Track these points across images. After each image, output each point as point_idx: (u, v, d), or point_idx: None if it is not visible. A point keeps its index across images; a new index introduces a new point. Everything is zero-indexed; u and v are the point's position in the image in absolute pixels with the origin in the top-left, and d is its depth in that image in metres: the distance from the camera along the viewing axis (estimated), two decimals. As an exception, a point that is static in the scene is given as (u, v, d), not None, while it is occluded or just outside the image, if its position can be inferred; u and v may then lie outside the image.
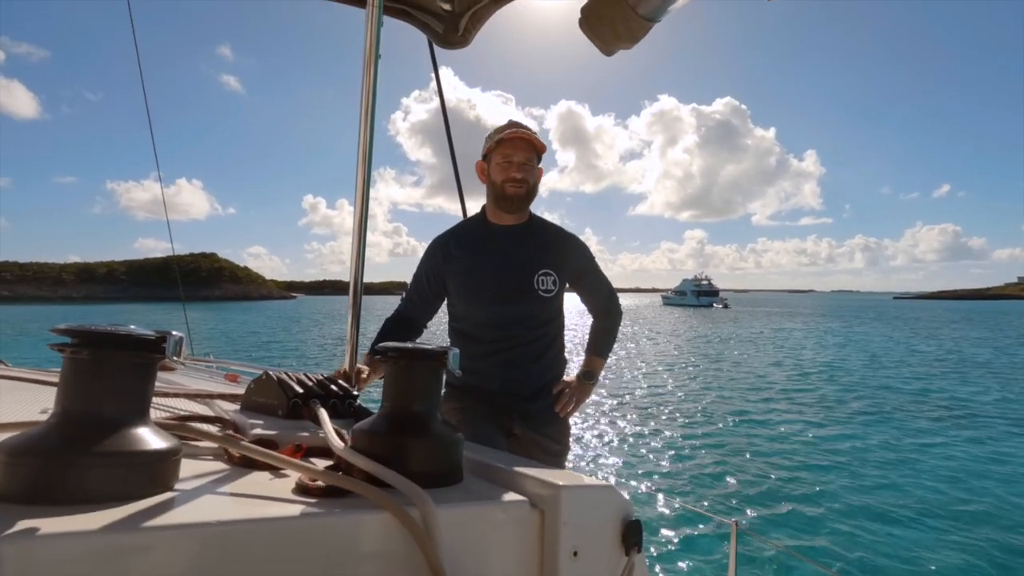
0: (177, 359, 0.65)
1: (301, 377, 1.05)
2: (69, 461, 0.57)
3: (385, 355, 0.76)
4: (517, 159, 1.87)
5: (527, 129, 1.92)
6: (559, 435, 1.97)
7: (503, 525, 0.68)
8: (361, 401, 1.07)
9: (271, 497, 0.65)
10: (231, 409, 1.13)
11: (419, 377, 0.76)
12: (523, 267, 1.91)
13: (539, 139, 1.91)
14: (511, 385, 1.90)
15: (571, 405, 1.95)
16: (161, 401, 1.26)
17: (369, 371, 1.61)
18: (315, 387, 1.02)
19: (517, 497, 0.71)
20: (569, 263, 1.99)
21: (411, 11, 1.79)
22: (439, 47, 1.94)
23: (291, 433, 0.88)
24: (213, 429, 0.89)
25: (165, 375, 1.89)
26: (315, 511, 0.60)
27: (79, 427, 0.59)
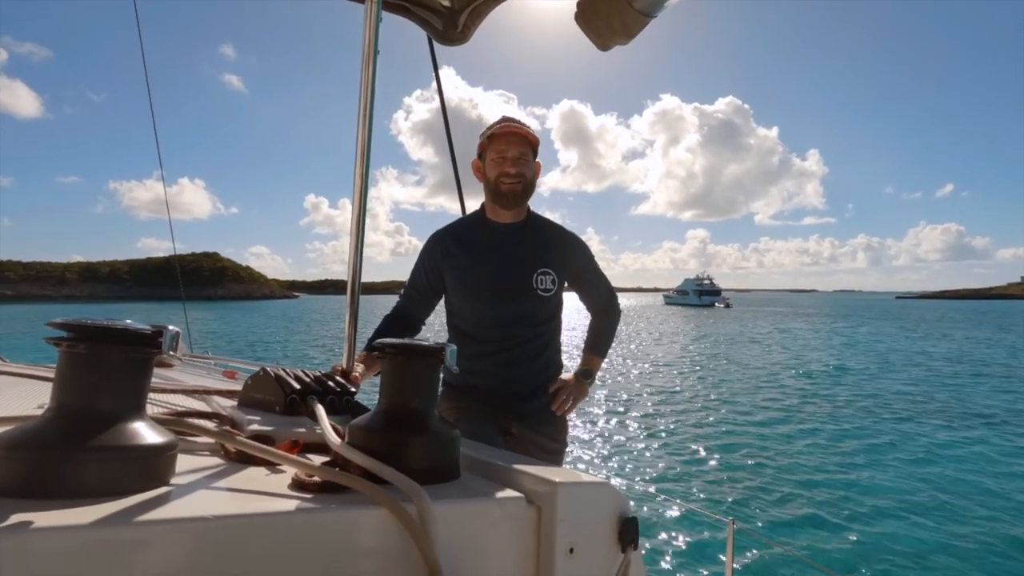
0: (174, 354, 0.65)
1: (299, 373, 1.05)
2: (64, 455, 0.57)
3: (382, 351, 0.76)
4: (511, 154, 1.85)
5: (519, 123, 1.89)
6: (557, 434, 1.96)
7: (500, 521, 0.68)
8: (359, 398, 1.07)
9: (267, 492, 0.65)
10: (228, 405, 1.13)
11: (416, 374, 0.76)
12: (522, 265, 1.89)
13: (532, 132, 1.88)
14: (509, 384, 1.89)
15: (568, 404, 1.94)
16: (159, 397, 1.27)
17: (365, 368, 1.61)
18: (312, 383, 1.02)
19: (514, 494, 0.71)
20: (568, 262, 1.98)
21: (410, 7, 1.78)
22: (439, 44, 1.93)
23: (288, 429, 0.88)
24: (210, 425, 0.89)
25: (163, 371, 1.90)
26: (311, 507, 0.60)
27: (75, 421, 0.59)
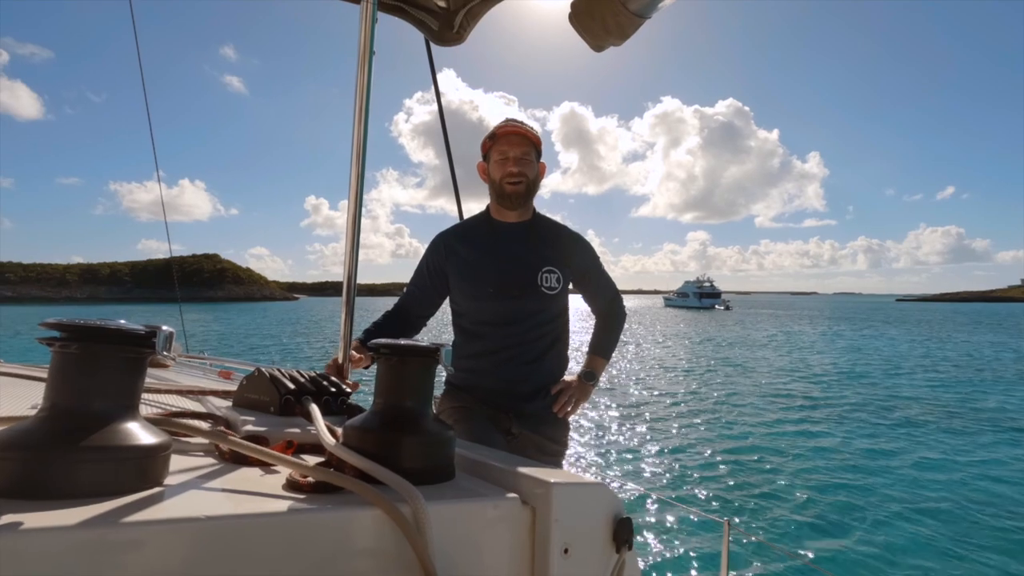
0: (167, 354, 0.65)
1: (294, 374, 1.05)
2: (57, 456, 0.56)
3: (377, 352, 0.76)
4: (513, 154, 1.86)
5: (522, 124, 1.91)
6: (557, 435, 1.95)
7: (494, 522, 0.68)
8: (354, 399, 1.07)
9: (262, 493, 0.65)
10: (223, 405, 1.13)
11: (411, 374, 0.76)
12: (527, 264, 1.90)
13: (534, 132, 1.90)
14: (510, 383, 1.89)
15: (570, 405, 1.93)
16: (153, 397, 1.26)
17: (359, 357, 1.61)
18: (307, 384, 1.02)
19: (508, 494, 0.71)
20: (573, 261, 1.98)
21: (406, 8, 1.78)
22: (435, 45, 1.94)
23: (282, 430, 0.88)
24: (204, 425, 0.88)
25: (158, 372, 1.89)
26: (306, 507, 0.60)
27: (67, 421, 0.59)
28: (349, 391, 1.05)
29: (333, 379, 1.08)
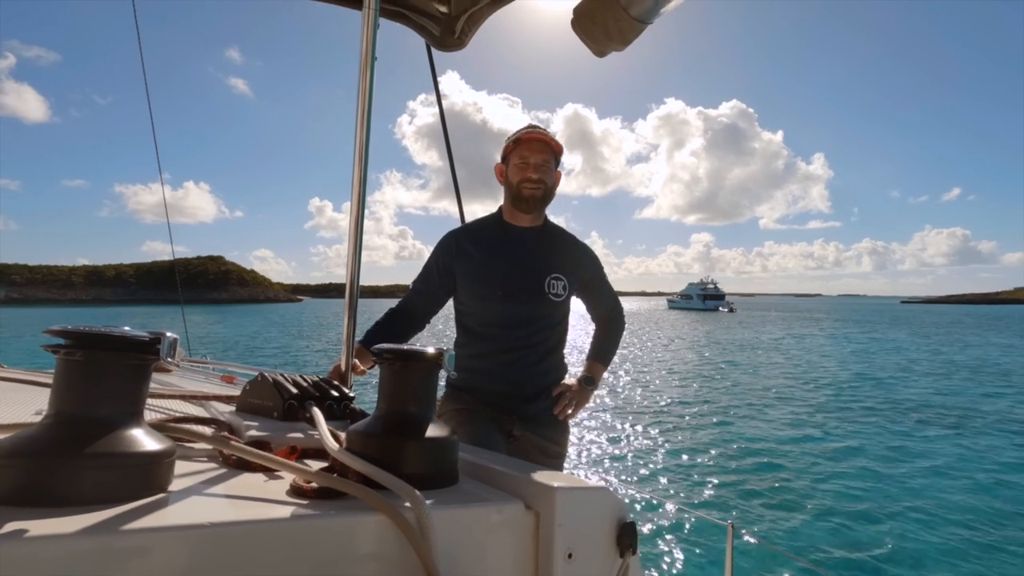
0: (171, 360, 0.65)
1: (296, 379, 1.05)
2: (62, 463, 0.56)
3: (380, 356, 0.76)
4: (534, 160, 1.89)
5: (545, 131, 1.94)
6: (558, 437, 1.97)
7: (498, 527, 0.68)
8: (357, 403, 1.07)
9: (266, 499, 0.65)
10: (226, 411, 1.13)
11: (414, 379, 0.76)
12: (536, 269, 1.93)
13: (557, 141, 1.93)
14: (512, 385, 1.90)
15: (571, 408, 1.95)
16: (156, 402, 1.27)
17: (359, 361, 1.61)
18: (310, 388, 1.02)
19: (512, 499, 0.71)
20: (580, 270, 2.02)
21: (407, 13, 1.79)
22: (436, 50, 1.94)
23: (286, 435, 0.88)
24: (207, 431, 0.89)
25: (161, 377, 1.90)
26: (310, 513, 0.60)
27: (72, 428, 0.59)
28: (352, 396, 1.05)
29: (336, 384, 1.08)
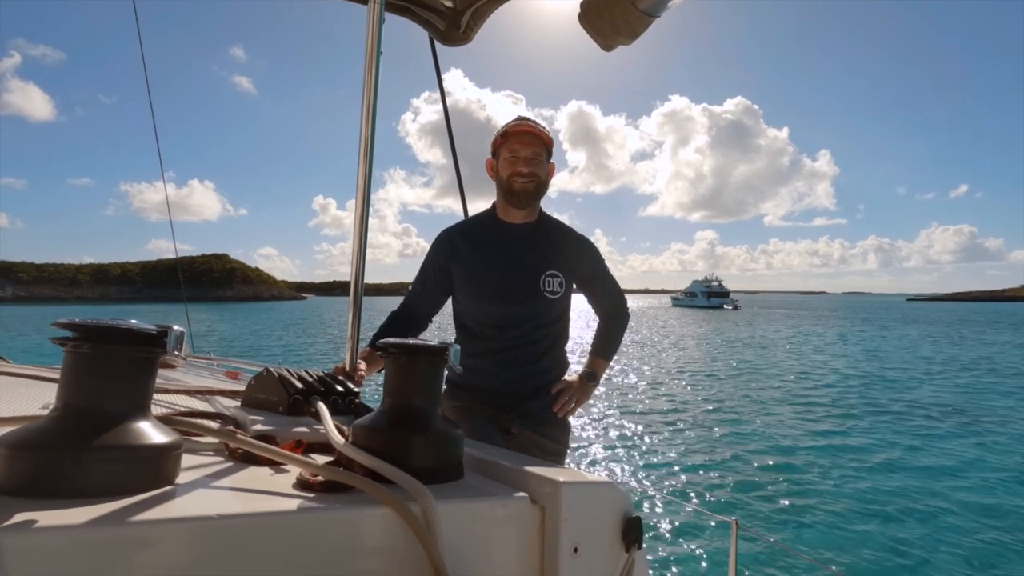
0: (178, 354, 0.65)
1: (302, 374, 1.05)
2: (70, 455, 0.57)
3: (386, 351, 0.76)
4: (524, 153, 1.84)
5: (534, 122, 1.88)
6: (558, 435, 1.95)
7: (504, 521, 0.68)
8: (362, 398, 1.07)
9: (272, 492, 0.65)
10: (232, 405, 1.13)
11: (420, 373, 0.76)
12: (530, 267, 1.88)
13: (547, 132, 1.87)
14: (510, 384, 1.88)
15: (571, 405, 1.92)
16: (162, 397, 1.27)
17: (367, 365, 1.60)
18: (315, 383, 1.02)
19: (517, 493, 0.71)
20: (578, 266, 1.97)
21: (413, 8, 1.79)
22: (441, 44, 1.94)
23: (291, 429, 0.88)
24: (214, 424, 0.89)
25: (166, 372, 1.91)
26: (316, 506, 0.61)
27: (80, 421, 0.59)
28: (357, 391, 1.05)
29: (341, 379, 1.08)
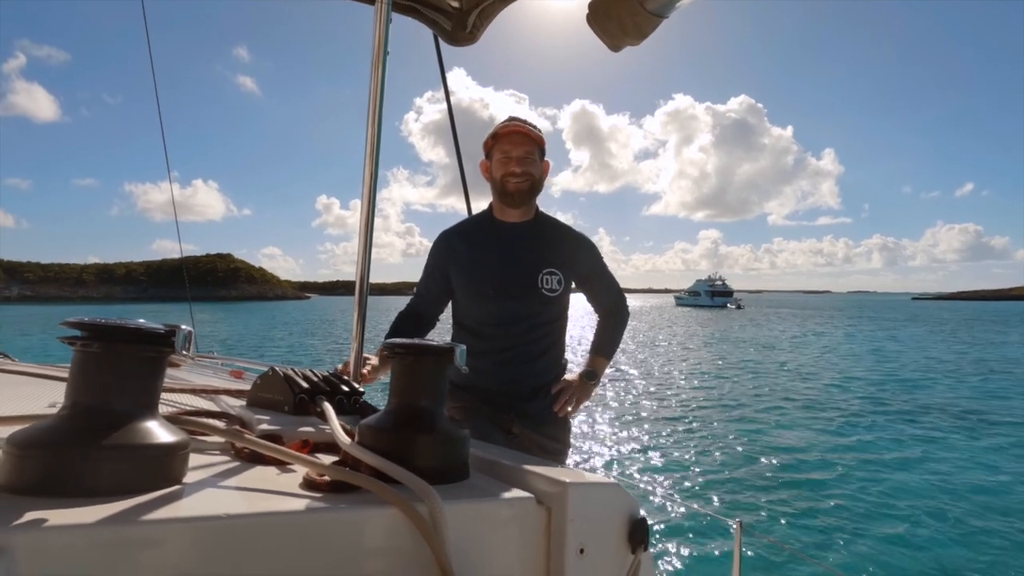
0: (186, 353, 0.66)
1: (307, 373, 1.06)
2: (80, 454, 0.57)
3: (392, 351, 0.76)
4: (516, 154, 1.85)
5: (524, 122, 1.89)
6: (559, 434, 1.95)
7: (510, 522, 0.68)
8: (367, 398, 1.07)
9: (279, 492, 0.65)
10: (237, 405, 1.14)
11: (425, 373, 0.76)
12: (527, 264, 1.89)
13: (537, 132, 1.88)
14: (510, 383, 1.89)
15: (571, 404, 1.92)
16: (168, 396, 1.27)
17: (379, 365, 1.61)
18: (321, 383, 1.02)
19: (523, 494, 0.71)
20: (576, 264, 1.97)
21: (419, 8, 1.79)
22: (447, 44, 1.94)
23: (297, 429, 0.89)
24: (221, 424, 0.89)
25: (171, 371, 1.91)
26: (323, 506, 0.61)
27: (89, 420, 0.59)
28: (362, 391, 1.05)
29: (346, 379, 1.08)
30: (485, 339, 1.89)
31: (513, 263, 1.89)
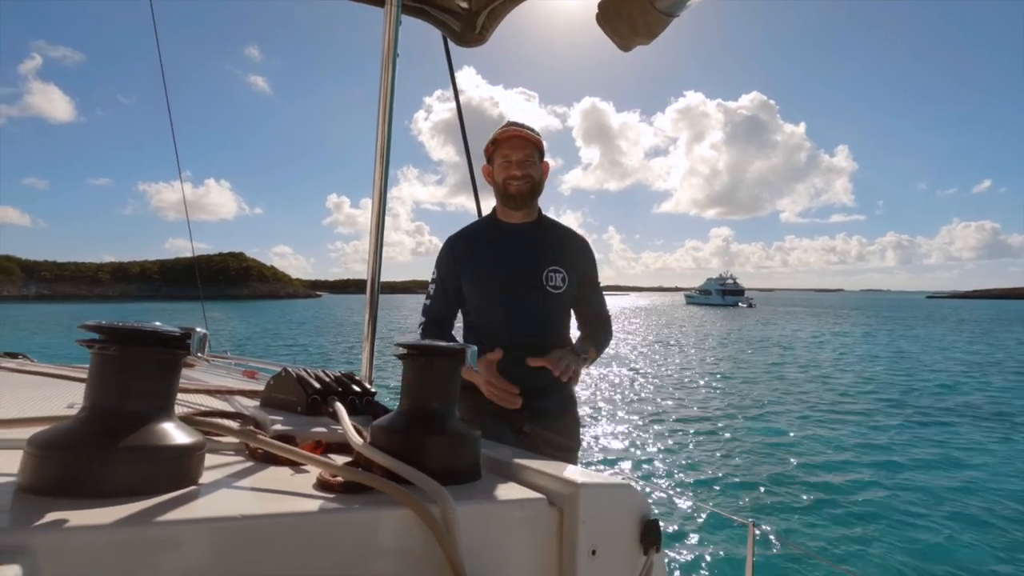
0: (201, 355, 0.66)
1: (319, 374, 1.06)
2: (99, 455, 0.58)
3: (404, 353, 0.77)
4: (516, 157, 1.91)
5: (522, 126, 1.96)
6: (569, 432, 1.97)
7: (521, 523, 0.68)
8: (378, 399, 1.08)
9: (293, 492, 0.66)
10: (250, 405, 1.14)
11: (437, 374, 0.77)
12: (532, 263, 1.94)
13: (535, 135, 1.95)
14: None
15: (571, 370, 1.86)
16: (182, 397, 1.29)
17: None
18: (333, 384, 1.03)
19: (535, 495, 0.71)
20: (577, 262, 2.02)
21: (429, 9, 1.80)
22: (456, 45, 1.95)
23: (310, 429, 0.89)
24: (235, 425, 0.90)
25: (185, 371, 1.93)
26: (336, 507, 0.61)
27: (107, 421, 0.60)
28: (373, 391, 1.06)
29: (357, 379, 1.09)
30: (494, 338, 1.91)
31: (518, 262, 1.95)
